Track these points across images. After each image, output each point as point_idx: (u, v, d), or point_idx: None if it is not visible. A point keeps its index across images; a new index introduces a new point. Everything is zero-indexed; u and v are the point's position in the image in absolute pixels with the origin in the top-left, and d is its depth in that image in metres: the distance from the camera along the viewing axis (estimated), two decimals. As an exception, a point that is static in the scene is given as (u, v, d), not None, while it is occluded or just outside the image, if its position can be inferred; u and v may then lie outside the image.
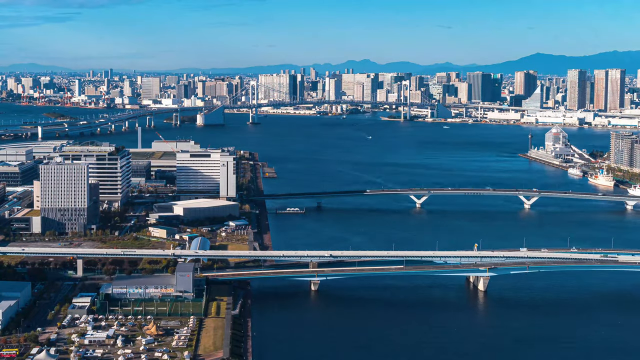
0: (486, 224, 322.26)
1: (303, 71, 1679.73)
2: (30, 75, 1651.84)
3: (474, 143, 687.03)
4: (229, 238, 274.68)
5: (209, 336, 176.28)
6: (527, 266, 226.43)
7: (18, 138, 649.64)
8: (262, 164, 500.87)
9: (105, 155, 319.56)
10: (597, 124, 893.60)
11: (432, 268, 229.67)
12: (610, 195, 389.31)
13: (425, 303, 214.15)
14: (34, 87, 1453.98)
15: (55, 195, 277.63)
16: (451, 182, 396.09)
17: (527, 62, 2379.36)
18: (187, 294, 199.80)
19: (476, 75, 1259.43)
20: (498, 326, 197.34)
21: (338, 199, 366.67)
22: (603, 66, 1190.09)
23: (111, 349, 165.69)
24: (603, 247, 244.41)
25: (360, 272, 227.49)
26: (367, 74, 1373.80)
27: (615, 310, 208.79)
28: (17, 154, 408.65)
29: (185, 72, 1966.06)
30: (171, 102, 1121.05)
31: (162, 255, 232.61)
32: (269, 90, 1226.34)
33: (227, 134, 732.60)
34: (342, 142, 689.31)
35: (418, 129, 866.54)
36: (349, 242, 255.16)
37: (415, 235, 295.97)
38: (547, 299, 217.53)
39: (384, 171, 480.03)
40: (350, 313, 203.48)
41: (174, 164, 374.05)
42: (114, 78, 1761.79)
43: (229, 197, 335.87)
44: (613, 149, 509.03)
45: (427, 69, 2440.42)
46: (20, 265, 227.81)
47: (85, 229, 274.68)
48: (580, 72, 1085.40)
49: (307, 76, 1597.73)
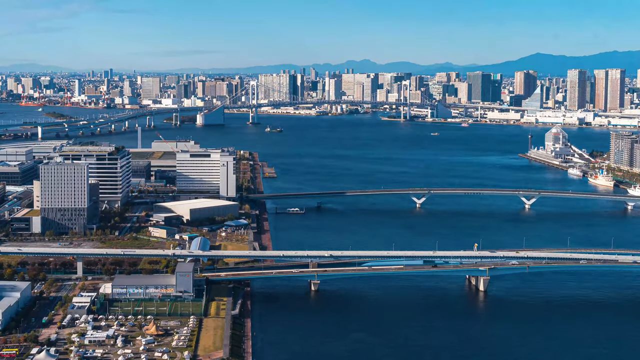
0: (486, 224, 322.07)
1: (303, 71, 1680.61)
2: (30, 76, 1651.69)
3: (474, 143, 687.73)
4: (228, 238, 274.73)
5: (208, 336, 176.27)
6: (527, 266, 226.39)
7: (18, 138, 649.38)
8: (262, 164, 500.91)
9: (105, 155, 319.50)
10: (597, 124, 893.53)
11: (432, 268, 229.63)
12: (610, 195, 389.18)
13: (425, 303, 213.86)
14: (34, 87, 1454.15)
15: (55, 195, 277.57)
16: (451, 182, 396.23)
17: (527, 62, 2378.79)
18: (187, 294, 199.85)
19: (476, 75, 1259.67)
20: (498, 326, 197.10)
21: (338, 199, 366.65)
22: (603, 66, 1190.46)
23: (111, 349, 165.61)
24: (603, 247, 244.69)
25: (360, 272, 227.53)
26: (367, 74, 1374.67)
27: (615, 311, 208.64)
28: (17, 154, 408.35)
29: (185, 72, 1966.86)
30: (171, 102, 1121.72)
31: (162, 255, 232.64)
32: (269, 90, 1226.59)
33: (227, 134, 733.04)
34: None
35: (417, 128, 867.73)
36: (349, 242, 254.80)
37: (415, 235, 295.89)
38: (547, 299, 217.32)
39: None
40: (350, 313, 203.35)
41: (174, 164, 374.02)
42: (114, 78, 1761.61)
43: (229, 197, 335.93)
44: (613, 149, 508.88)
45: (427, 69, 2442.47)
46: (20, 265, 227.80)
47: (85, 229, 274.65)
48: (580, 72, 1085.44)
49: (307, 76, 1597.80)
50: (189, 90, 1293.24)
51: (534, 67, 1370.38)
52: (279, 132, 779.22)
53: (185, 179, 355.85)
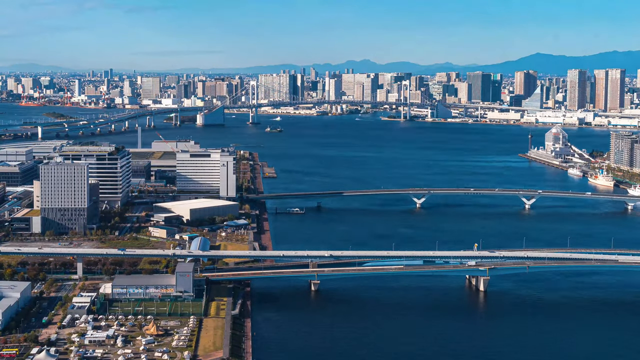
0: (486, 224, 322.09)
1: (303, 71, 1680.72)
2: (30, 76, 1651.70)
3: (473, 143, 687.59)
4: (228, 238, 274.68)
5: (208, 336, 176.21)
6: (527, 266, 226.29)
7: (18, 138, 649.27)
8: (262, 164, 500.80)
9: (105, 155, 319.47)
10: (597, 124, 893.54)
11: (432, 268, 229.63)
12: (610, 195, 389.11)
13: (425, 303, 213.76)
14: (34, 87, 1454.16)
15: (55, 195, 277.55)
16: (451, 182, 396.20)
17: (527, 62, 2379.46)
18: (187, 294, 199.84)
19: (476, 75, 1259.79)
20: (498, 326, 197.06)
21: (338, 199, 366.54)
22: (603, 66, 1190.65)
23: (111, 349, 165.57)
24: (603, 247, 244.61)
25: (360, 272, 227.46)
26: (367, 74, 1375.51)
27: (615, 311, 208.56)
28: (17, 154, 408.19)
29: (185, 72, 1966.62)
30: (171, 102, 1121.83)
31: (162, 255, 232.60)
32: (269, 90, 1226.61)
33: (228, 134, 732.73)
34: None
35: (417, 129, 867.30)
36: (349, 242, 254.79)
37: (415, 235, 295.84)
38: (547, 299, 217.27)
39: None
40: (350, 313, 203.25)
41: (174, 164, 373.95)
42: (114, 78, 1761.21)
43: (229, 197, 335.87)
44: (613, 149, 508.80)
45: (427, 69, 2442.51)
46: (20, 265, 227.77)
47: (85, 229, 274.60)
48: (580, 72, 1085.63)
49: (307, 76, 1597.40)
50: (189, 90, 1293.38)
51: (534, 67, 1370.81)
52: (279, 132, 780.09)
53: (185, 179, 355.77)
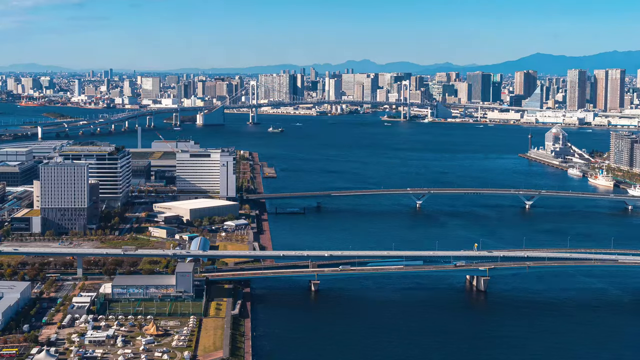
0: (486, 224, 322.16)
1: (303, 71, 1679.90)
2: (30, 76, 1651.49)
3: (473, 143, 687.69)
4: (228, 238, 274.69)
5: (208, 336, 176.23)
6: (527, 266, 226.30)
7: (18, 138, 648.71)
8: (262, 164, 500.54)
9: (105, 155, 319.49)
10: (597, 124, 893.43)
11: (432, 268, 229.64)
12: (610, 195, 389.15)
13: (425, 303, 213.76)
14: (34, 87, 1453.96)
15: (55, 195, 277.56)
16: (451, 182, 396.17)
17: (527, 62, 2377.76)
18: (186, 294, 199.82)
19: (476, 75, 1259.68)
20: (498, 326, 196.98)
21: (338, 199, 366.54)
22: (603, 66, 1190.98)
23: (111, 349, 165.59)
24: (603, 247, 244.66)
25: (360, 272, 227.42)
26: (367, 74, 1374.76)
27: (615, 311, 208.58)
28: (17, 154, 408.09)
29: (185, 72, 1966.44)
30: (171, 102, 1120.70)
31: (162, 255, 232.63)
32: (269, 90, 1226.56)
33: (228, 134, 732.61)
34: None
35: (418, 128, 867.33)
36: (348, 242, 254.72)
37: (415, 235, 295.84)
38: (547, 299, 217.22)
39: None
40: (350, 313, 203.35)
41: (173, 164, 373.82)
42: (114, 78, 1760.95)
43: (229, 197, 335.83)
44: (613, 149, 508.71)
45: (427, 69, 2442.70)
46: (20, 265, 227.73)
47: (85, 229, 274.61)
48: (580, 72, 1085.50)
49: (307, 76, 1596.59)
50: (189, 90, 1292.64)
51: (534, 67, 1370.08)
52: (281, 132, 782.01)
53: (185, 179, 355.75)
